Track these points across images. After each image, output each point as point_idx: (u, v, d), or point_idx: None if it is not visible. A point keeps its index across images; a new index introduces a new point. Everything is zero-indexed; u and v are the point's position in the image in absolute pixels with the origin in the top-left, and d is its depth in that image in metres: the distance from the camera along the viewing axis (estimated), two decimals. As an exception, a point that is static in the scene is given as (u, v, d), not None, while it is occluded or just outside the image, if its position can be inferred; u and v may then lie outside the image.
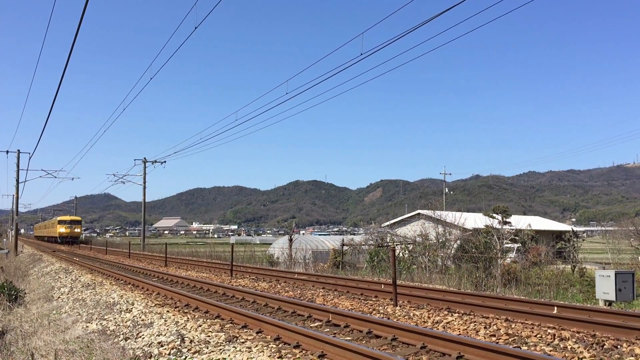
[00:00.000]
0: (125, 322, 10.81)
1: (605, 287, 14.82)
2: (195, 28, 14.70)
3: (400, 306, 12.34)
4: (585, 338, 8.54)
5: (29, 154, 56.31)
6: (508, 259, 26.16)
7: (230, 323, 10.20)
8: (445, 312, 11.32)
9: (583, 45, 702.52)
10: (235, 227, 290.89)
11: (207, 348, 8.00)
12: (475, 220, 32.72)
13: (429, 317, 10.67)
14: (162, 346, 8.31)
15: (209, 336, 8.80)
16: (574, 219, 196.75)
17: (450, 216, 32.70)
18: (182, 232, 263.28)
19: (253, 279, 20.29)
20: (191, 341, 8.47)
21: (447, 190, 70.81)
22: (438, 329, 9.30)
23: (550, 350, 7.73)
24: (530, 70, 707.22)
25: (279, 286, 17.36)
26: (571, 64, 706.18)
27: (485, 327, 9.42)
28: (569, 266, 27.34)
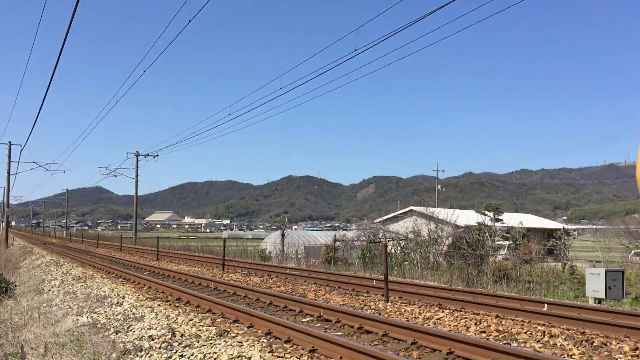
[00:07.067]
0: (116, 315, 10.77)
1: (595, 285, 14.92)
2: (189, 21, 14.61)
3: (391, 302, 12.37)
4: (574, 335, 8.59)
5: (21, 145, 55.85)
6: (499, 256, 26.28)
7: (222, 317, 10.19)
8: (437, 309, 11.35)
9: (577, 44, 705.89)
10: (228, 221, 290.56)
11: (198, 342, 7.98)
12: (467, 217, 32.86)
13: (420, 313, 10.69)
14: (152, 340, 8.29)
15: (200, 330, 8.79)
16: (565, 217, 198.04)
17: (442, 213, 32.79)
18: (174, 226, 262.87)
19: (245, 273, 20.28)
20: (182, 335, 8.45)
21: (439, 187, 71.05)
22: (429, 325, 9.33)
23: (540, 347, 7.77)
24: (523, 68, 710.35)
25: (270, 281, 17.36)
26: (565, 63, 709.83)
27: (475, 324, 9.46)
28: (560, 264, 27.50)
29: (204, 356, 7.25)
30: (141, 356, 7.60)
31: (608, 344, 8.00)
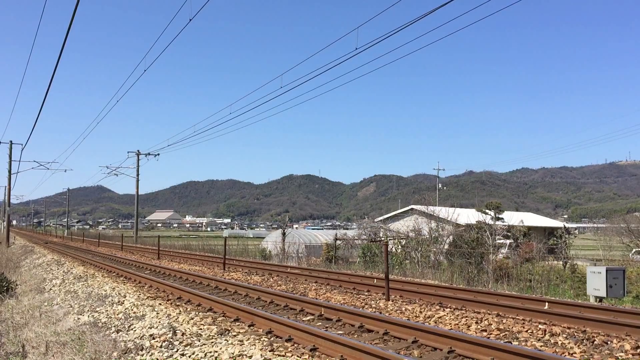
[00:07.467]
0: (117, 314, 10.78)
1: (596, 284, 14.91)
2: (190, 20, 14.61)
3: (392, 301, 12.37)
4: (575, 334, 8.59)
5: (22, 145, 55.87)
6: (500, 255, 26.28)
7: (223, 316, 10.20)
8: (437, 307, 11.35)
9: (577, 43, 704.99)
10: (229, 220, 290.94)
11: (199, 341, 7.99)
12: (468, 216, 32.83)
13: (420, 312, 10.69)
14: (153, 339, 8.29)
15: (200, 329, 8.79)
16: (566, 216, 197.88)
17: (443, 212, 32.81)
18: (175, 225, 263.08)
19: (246, 272, 20.28)
20: (183, 334, 8.46)
21: (440, 186, 70.98)
22: (430, 324, 9.32)
23: (541, 346, 7.77)
24: (524, 67, 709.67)
25: (271, 280, 17.36)
26: (565, 62, 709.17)
27: (476, 322, 9.46)
28: (561, 262, 27.48)
29: (205, 355, 7.26)
30: (142, 355, 7.60)
31: (609, 342, 8.00)
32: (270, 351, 7.27)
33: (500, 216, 30.31)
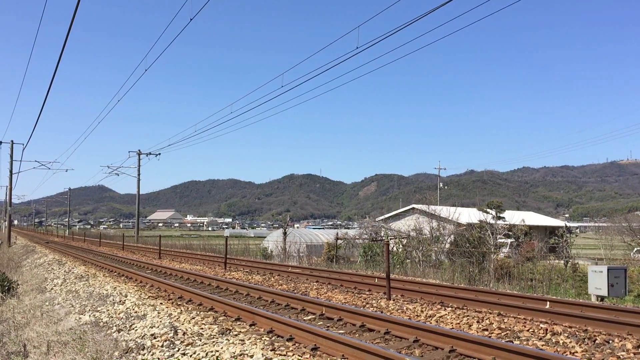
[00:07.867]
0: (119, 314, 10.79)
1: (597, 283, 14.91)
2: (191, 20, 14.60)
3: (393, 300, 12.36)
4: (577, 333, 8.58)
5: (23, 144, 55.90)
6: (501, 254, 26.26)
7: (224, 315, 10.20)
8: (439, 306, 11.34)
9: (578, 42, 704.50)
10: (230, 220, 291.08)
11: (200, 340, 7.99)
12: (469, 215, 32.81)
13: (422, 311, 10.69)
14: (155, 338, 8.30)
15: (202, 328, 8.79)
16: (567, 215, 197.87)
17: (444, 211, 32.80)
18: (177, 224, 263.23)
19: (247, 272, 20.28)
20: (184, 333, 8.46)
21: (441, 185, 70.91)
22: (431, 323, 9.32)
23: (542, 345, 7.76)
24: (524, 67, 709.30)
25: (272, 279, 17.36)
26: (567, 61, 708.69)
27: (478, 322, 9.45)
28: (562, 261, 27.46)
29: (207, 354, 7.26)
30: (144, 354, 7.60)
31: (610, 341, 7.99)
32: (271, 350, 7.27)
33: (501, 215, 30.29)
